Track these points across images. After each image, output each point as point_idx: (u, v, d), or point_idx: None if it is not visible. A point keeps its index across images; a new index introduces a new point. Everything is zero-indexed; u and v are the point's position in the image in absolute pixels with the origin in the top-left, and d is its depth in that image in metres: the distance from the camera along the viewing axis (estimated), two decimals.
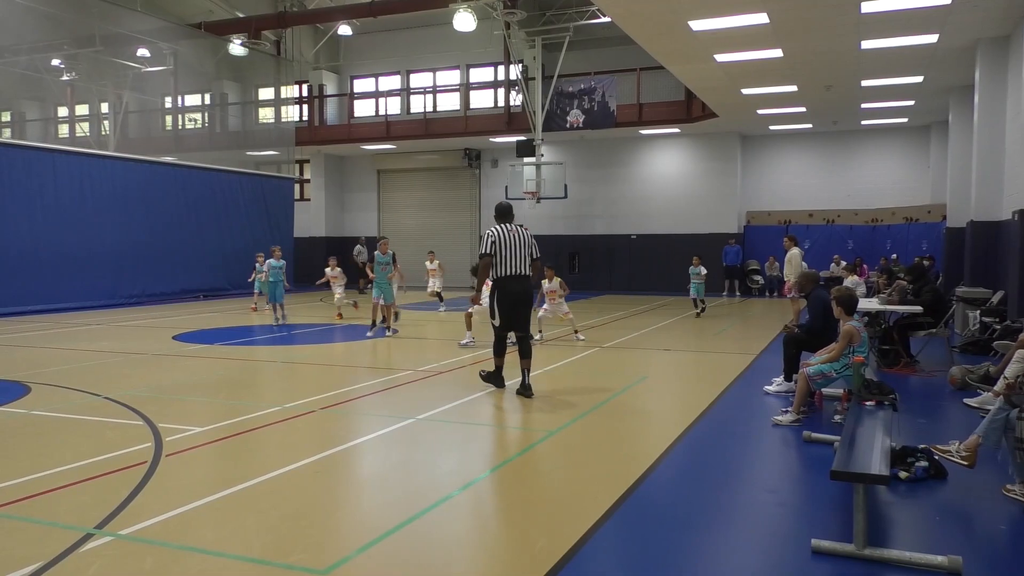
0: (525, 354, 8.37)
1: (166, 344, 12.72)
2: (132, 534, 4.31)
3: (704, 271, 17.15)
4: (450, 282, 22.91)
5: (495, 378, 8.60)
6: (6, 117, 28.34)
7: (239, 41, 26.14)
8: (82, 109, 26.63)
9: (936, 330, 10.21)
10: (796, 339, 8.37)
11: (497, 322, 8.31)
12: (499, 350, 8.49)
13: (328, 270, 17.19)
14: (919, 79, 17.17)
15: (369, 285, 23.24)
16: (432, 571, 3.94)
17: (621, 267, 25.84)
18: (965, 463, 5.11)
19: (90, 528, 4.37)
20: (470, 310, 12.06)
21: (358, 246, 25.92)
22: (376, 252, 13.54)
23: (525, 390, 8.24)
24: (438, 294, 19.07)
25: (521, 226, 8.54)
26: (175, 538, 4.28)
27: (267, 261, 16.16)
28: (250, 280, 19.15)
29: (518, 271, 8.14)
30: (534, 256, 8.29)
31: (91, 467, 5.56)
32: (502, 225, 8.24)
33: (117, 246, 20.07)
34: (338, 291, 16.95)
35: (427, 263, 19.19)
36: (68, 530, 4.35)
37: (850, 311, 7.10)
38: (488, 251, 8.11)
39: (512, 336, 8.51)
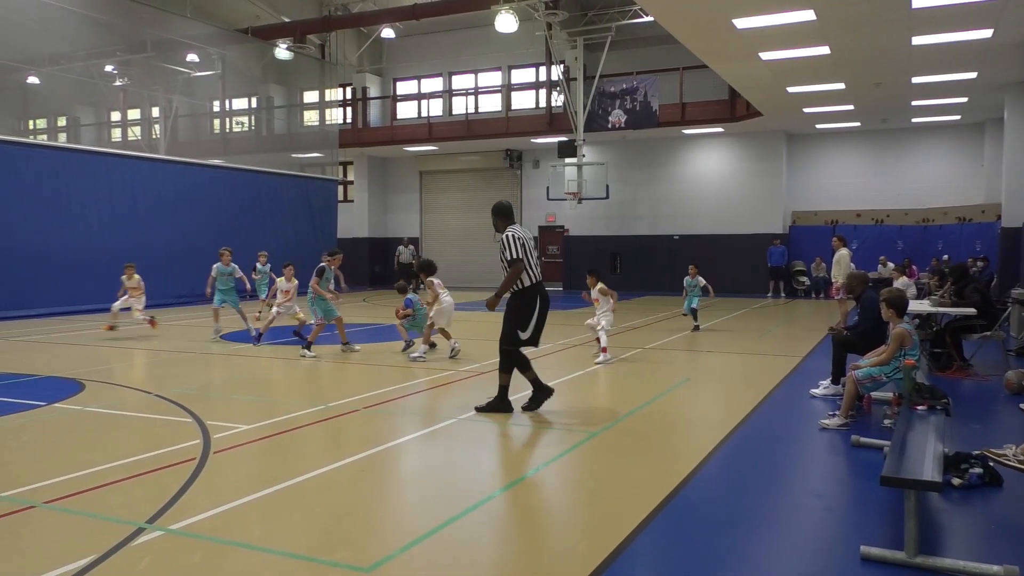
0: (525, 367, 7.61)
1: (214, 343, 12.97)
2: (182, 529, 4.41)
3: (703, 281, 14.72)
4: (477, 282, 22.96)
5: (500, 403, 7.46)
6: (62, 122, 29.18)
7: (285, 45, 26.56)
8: (134, 113, 27.32)
9: (990, 333, 9.91)
10: (845, 341, 8.20)
11: (527, 335, 7.39)
12: (511, 366, 7.51)
13: (282, 281, 13.05)
14: (973, 75, 16.69)
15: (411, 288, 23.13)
16: (473, 571, 3.94)
17: (663, 268, 25.59)
18: (1023, 468, 4.94)
19: (142, 523, 4.47)
20: (430, 321, 11.18)
21: (400, 247, 26.15)
22: (324, 266, 11.64)
23: (544, 393, 7.60)
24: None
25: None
26: (223, 533, 4.36)
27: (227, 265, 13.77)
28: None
29: (540, 276, 7.48)
30: (538, 257, 7.48)
31: (142, 463, 5.70)
32: (514, 228, 7.45)
33: (167, 246, 20.54)
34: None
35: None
36: (121, 524, 4.46)
37: (901, 313, 6.94)
38: (519, 255, 7.25)
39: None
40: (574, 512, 4.88)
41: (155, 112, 26.02)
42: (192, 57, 25.49)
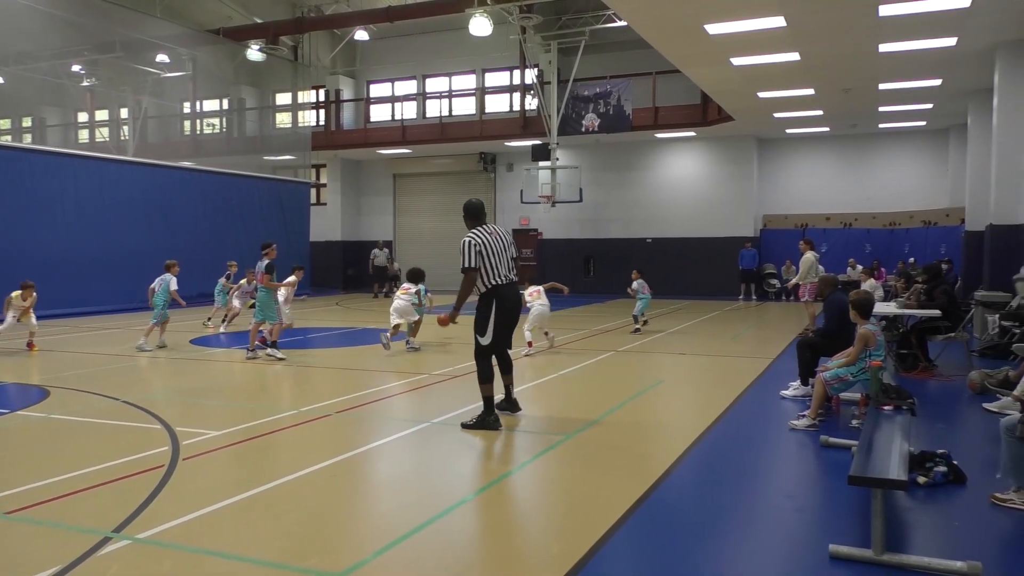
0: (507, 369, 7.39)
1: (183, 348, 12.81)
2: (150, 537, 4.34)
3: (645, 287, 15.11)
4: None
5: (487, 420, 6.93)
6: (27, 123, 28.70)
7: (257, 46, 26.34)
8: (102, 114, 26.95)
9: (955, 334, 10.10)
10: (810, 343, 8.31)
11: (487, 340, 7.02)
12: (487, 375, 7.08)
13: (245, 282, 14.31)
14: (938, 82, 17.02)
15: (384, 291, 23.00)
16: (447, 575, 3.94)
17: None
18: None
19: (108, 532, 4.40)
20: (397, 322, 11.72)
21: (375, 250, 25.97)
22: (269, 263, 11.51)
23: (511, 406, 7.38)
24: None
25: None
26: (193, 541, 4.31)
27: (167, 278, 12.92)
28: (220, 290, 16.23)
29: (507, 278, 7.06)
30: (515, 256, 7.27)
31: (109, 471, 5.61)
32: (480, 227, 7.12)
33: (136, 250, 20.24)
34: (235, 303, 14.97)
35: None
36: (87, 534, 4.39)
37: (866, 315, 7.04)
38: (473, 264, 6.87)
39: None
40: (548, 515, 4.89)
41: (124, 113, 25.69)
42: (162, 58, 25.19)
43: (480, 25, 21.36)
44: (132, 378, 9.95)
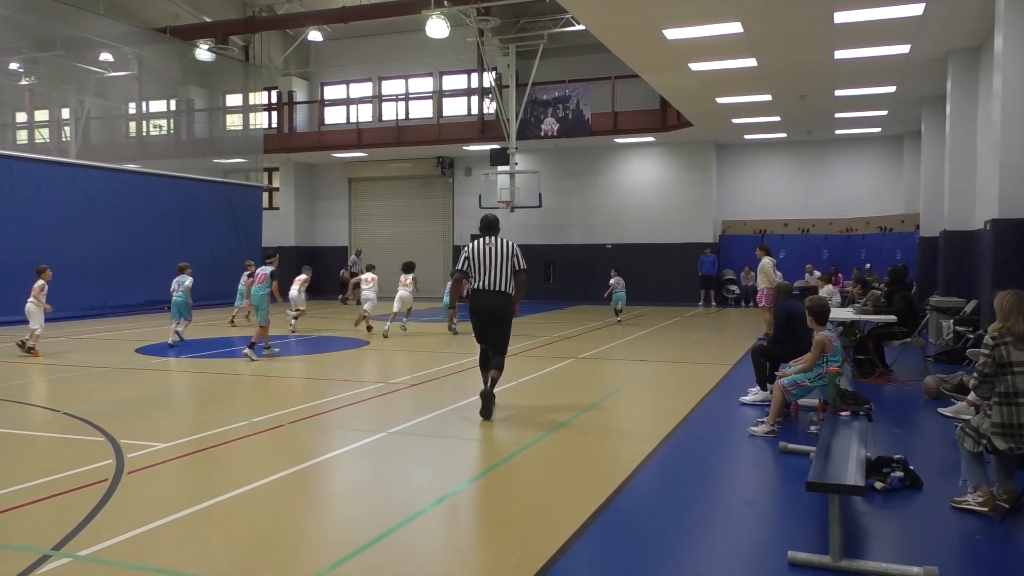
0: (494, 365, 7.96)
1: (129, 357, 12.53)
2: (92, 555, 4.23)
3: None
4: (425, 293, 22.87)
5: (486, 407, 7.75)
6: None
7: (206, 46, 25.93)
8: (42, 115, 26.27)
9: (911, 339, 10.36)
10: (763, 349, 8.48)
11: (475, 335, 8.13)
12: (480, 362, 8.23)
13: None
14: (892, 89, 17.49)
15: (350, 298, 23.06)
16: None
17: (597, 277, 25.90)
18: (985, 509, 5.03)
19: (47, 549, 4.27)
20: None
21: (353, 256, 25.41)
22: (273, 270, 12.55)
23: (485, 396, 7.74)
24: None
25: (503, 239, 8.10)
26: (137, 558, 4.21)
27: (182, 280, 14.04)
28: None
29: (488, 286, 7.81)
30: (517, 268, 7.94)
31: (49, 485, 5.45)
32: (481, 239, 8.00)
33: (78, 256, 19.72)
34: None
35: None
36: (23, 552, 4.26)
37: (822, 321, 7.19)
38: (460, 267, 8.02)
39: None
40: (508, 524, 4.89)
41: (65, 113, 25.06)
42: (106, 56, 24.64)
43: (437, 27, 21.34)
44: (73, 389, 9.69)
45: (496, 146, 23.94)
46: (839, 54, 14.58)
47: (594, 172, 26.52)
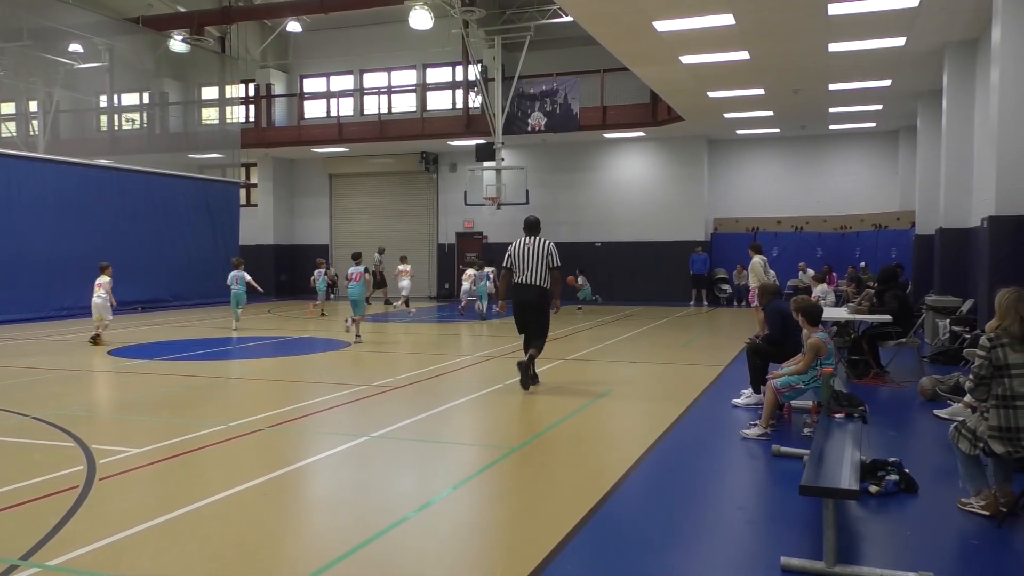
0: (534, 347, 9.43)
1: (100, 360, 12.44)
2: (62, 564, 4.20)
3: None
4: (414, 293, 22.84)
5: (524, 378, 9.31)
6: None
7: (180, 37, 25.76)
8: (8, 108, 25.96)
9: (906, 340, 10.44)
10: (759, 350, 8.50)
11: (517, 326, 9.64)
12: (524, 343, 9.67)
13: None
14: (887, 83, 17.62)
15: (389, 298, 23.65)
16: None
17: (587, 276, 25.95)
18: (987, 512, 5.08)
19: (14, 559, 4.24)
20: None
21: (376, 255, 24.99)
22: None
23: (522, 368, 9.22)
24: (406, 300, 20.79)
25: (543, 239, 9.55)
26: (109, 568, 4.18)
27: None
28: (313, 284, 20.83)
29: (526, 280, 9.31)
30: (551, 266, 9.32)
31: (16, 493, 5.41)
32: (522, 238, 9.52)
33: (47, 255, 19.57)
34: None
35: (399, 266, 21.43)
36: None
37: (814, 322, 7.22)
38: (507, 264, 9.58)
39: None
40: (494, 532, 4.89)
41: (33, 106, 24.79)
42: (75, 47, 24.39)
43: (420, 18, 21.32)
44: (42, 392, 9.61)
45: (482, 141, 23.93)
46: (833, 47, 14.66)
47: (583, 168, 26.56)
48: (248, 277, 17.01)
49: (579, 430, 7.62)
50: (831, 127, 23.84)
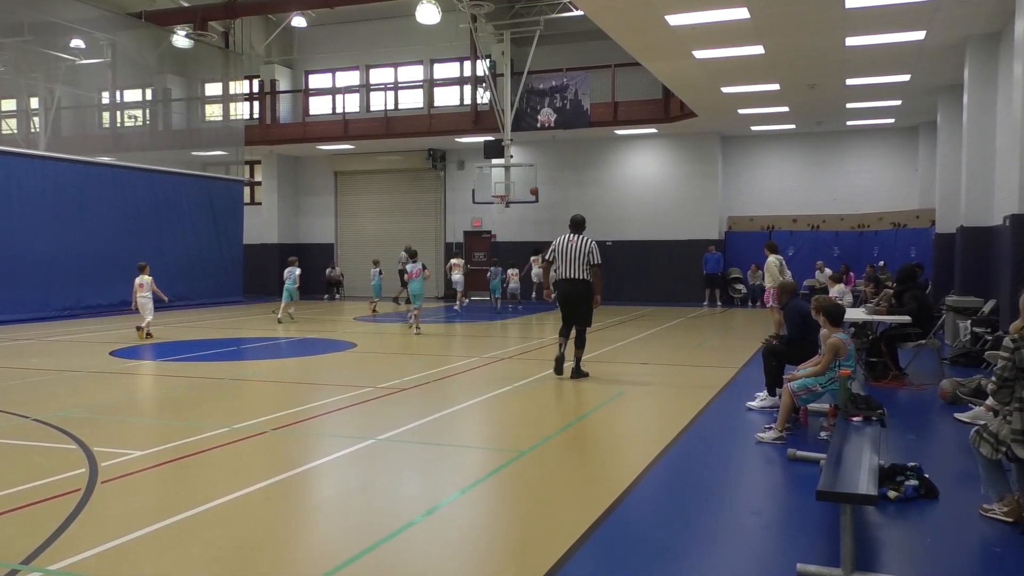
0: (578, 344, 10.48)
1: (103, 360, 12.51)
2: (63, 569, 4.22)
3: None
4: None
5: (559, 365, 10.47)
6: None
7: (184, 32, 25.87)
8: (8, 104, 26.14)
9: (926, 341, 10.38)
10: (775, 351, 8.46)
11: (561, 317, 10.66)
12: (560, 333, 10.68)
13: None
14: (906, 78, 17.53)
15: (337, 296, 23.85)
16: None
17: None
18: (1011, 519, 5.05)
19: (15, 564, 4.26)
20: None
21: (403, 253, 24.99)
22: None
23: (575, 373, 10.36)
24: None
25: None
26: (111, 572, 4.20)
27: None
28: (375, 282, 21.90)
29: (568, 275, 10.24)
30: (592, 263, 10.13)
31: (17, 496, 5.44)
32: (566, 235, 10.31)
33: (48, 254, 19.67)
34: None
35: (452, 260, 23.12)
36: None
37: (835, 322, 7.19)
38: (549, 258, 10.58)
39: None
40: (502, 536, 4.89)
41: (34, 103, 24.94)
42: (77, 42, 24.53)
43: (428, 12, 21.34)
44: (43, 393, 9.67)
45: (490, 138, 23.92)
46: (850, 40, 14.60)
47: (593, 165, 26.52)
48: (298, 272, 18.79)
49: (590, 433, 7.61)
50: (848, 123, 23.73)
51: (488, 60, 23.89)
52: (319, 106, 29.21)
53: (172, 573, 4.22)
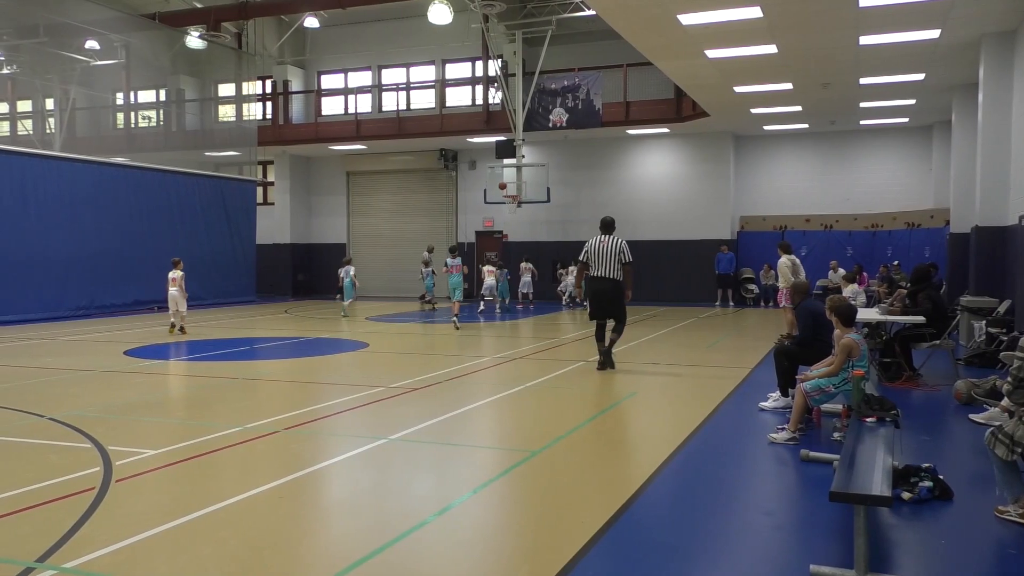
0: (614, 330, 11.10)
1: (117, 360, 12.58)
2: (78, 567, 4.25)
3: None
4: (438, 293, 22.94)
5: (604, 361, 10.96)
6: None
7: (197, 33, 26.01)
8: (24, 105, 26.39)
9: (940, 341, 10.32)
10: (787, 351, 8.43)
11: (588, 312, 11.27)
12: (597, 336, 11.18)
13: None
14: (920, 77, 17.42)
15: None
16: None
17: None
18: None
19: (30, 561, 4.29)
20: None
21: (426, 253, 25.07)
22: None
23: (603, 354, 10.97)
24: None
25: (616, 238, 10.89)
26: (125, 571, 4.23)
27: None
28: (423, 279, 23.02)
29: (599, 273, 10.87)
30: (623, 262, 10.87)
31: (32, 495, 5.48)
32: (598, 236, 11.01)
33: (63, 254, 19.82)
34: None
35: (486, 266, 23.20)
36: (5, 564, 4.28)
37: (848, 323, 7.16)
38: (582, 259, 11.13)
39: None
40: (514, 536, 4.89)
41: (49, 104, 25.17)
42: (92, 44, 24.73)
43: (439, 13, 21.35)
44: (58, 392, 9.74)
45: (502, 138, 23.93)
46: (864, 39, 14.52)
47: (605, 165, 26.48)
48: (352, 271, 20.05)
49: (602, 433, 7.61)
50: (862, 122, 23.61)
51: (500, 60, 23.89)
52: (331, 106, 29.30)
53: (185, 572, 4.24)
